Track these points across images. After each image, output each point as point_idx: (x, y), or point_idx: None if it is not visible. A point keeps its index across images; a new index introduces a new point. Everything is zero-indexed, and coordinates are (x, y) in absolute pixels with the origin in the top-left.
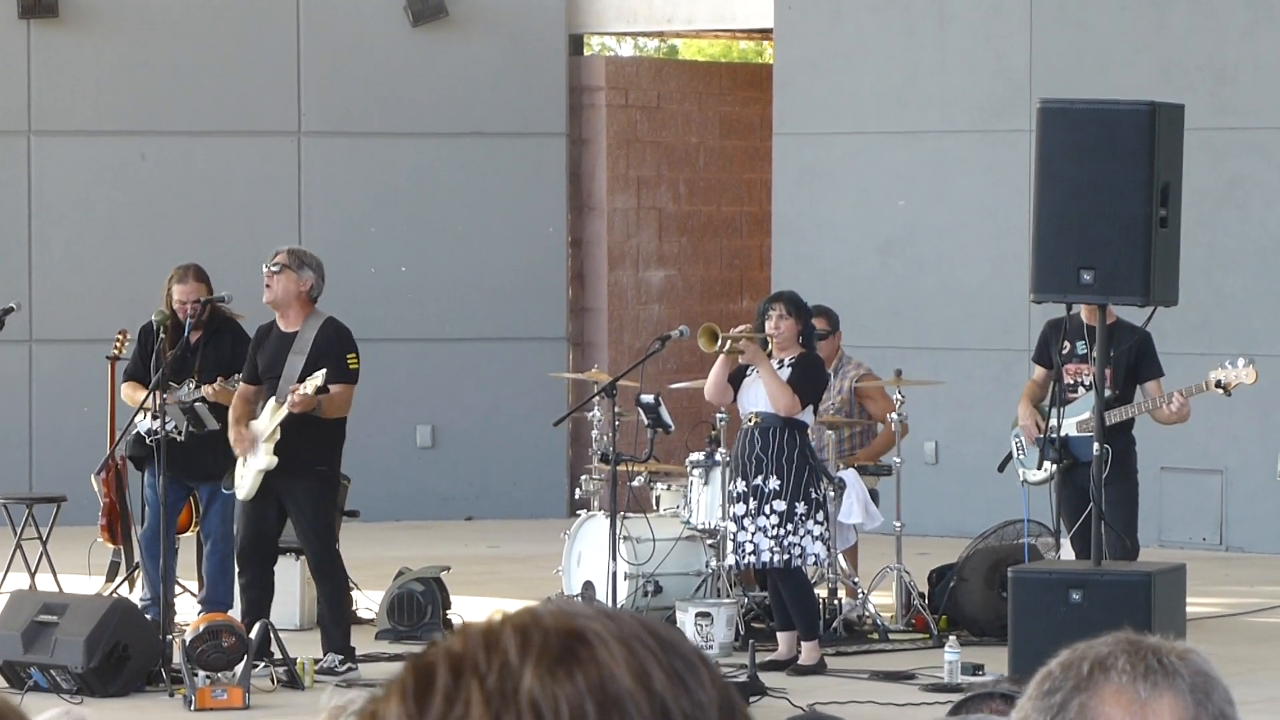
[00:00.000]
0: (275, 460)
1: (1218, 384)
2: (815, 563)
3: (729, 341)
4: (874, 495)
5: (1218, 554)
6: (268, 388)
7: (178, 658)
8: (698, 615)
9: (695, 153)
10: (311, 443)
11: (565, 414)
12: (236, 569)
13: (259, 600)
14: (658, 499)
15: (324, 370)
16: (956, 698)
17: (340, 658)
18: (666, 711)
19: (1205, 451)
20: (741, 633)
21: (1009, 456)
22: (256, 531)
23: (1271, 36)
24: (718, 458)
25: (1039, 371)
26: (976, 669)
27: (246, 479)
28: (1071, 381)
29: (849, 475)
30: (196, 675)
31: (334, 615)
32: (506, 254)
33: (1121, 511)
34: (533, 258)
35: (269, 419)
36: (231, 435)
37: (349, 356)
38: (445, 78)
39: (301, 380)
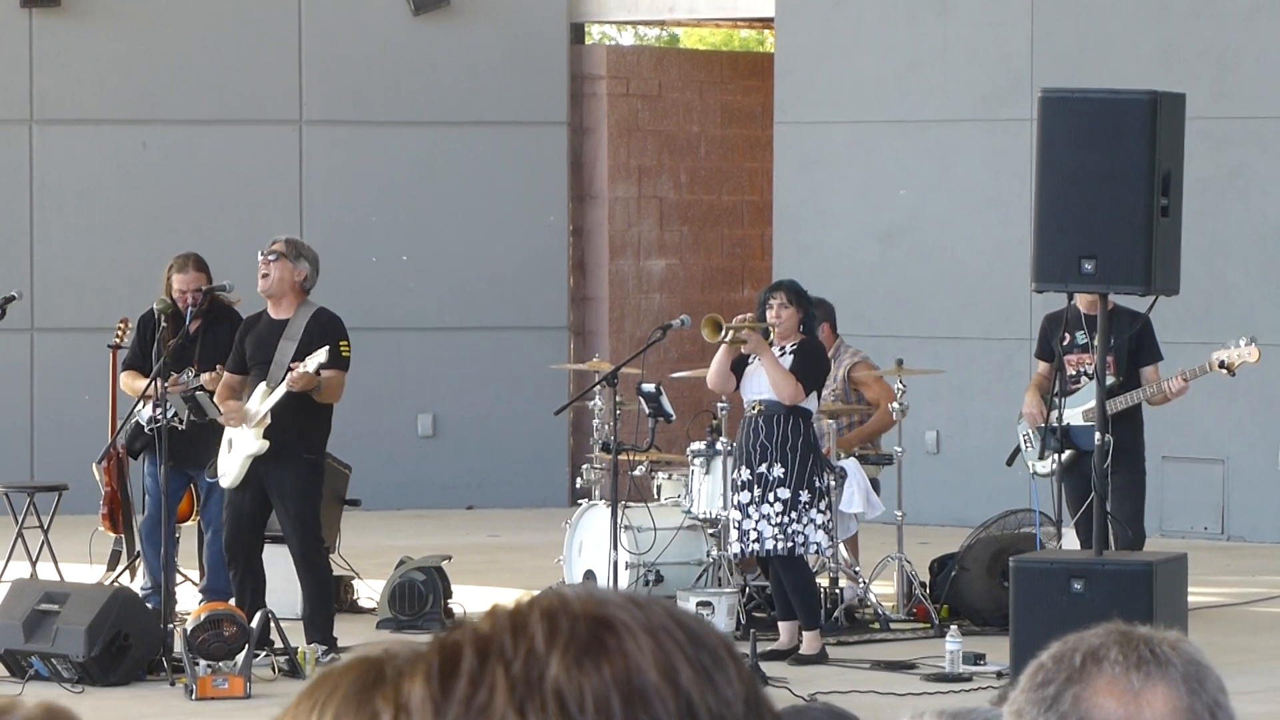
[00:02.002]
0: (266, 444)
1: (1221, 364)
2: (818, 551)
3: (731, 332)
4: (875, 484)
5: (1219, 543)
6: (257, 373)
7: (179, 647)
8: (699, 604)
9: (696, 141)
10: (300, 430)
11: (566, 403)
12: (227, 561)
13: (254, 590)
14: (659, 488)
15: (326, 348)
16: (958, 687)
17: (325, 648)
18: (692, 707)
19: (1207, 440)
20: (743, 622)
21: (1017, 450)
22: (240, 522)
23: (1273, 24)
24: (719, 447)
25: (1043, 366)
26: (978, 658)
27: (233, 465)
28: (1074, 372)
29: (850, 464)
30: (198, 664)
31: (320, 605)
32: (508, 243)
33: (1128, 500)
34: (534, 247)
35: (259, 403)
36: (226, 412)
37: (342, 344)
38: (446, 66)
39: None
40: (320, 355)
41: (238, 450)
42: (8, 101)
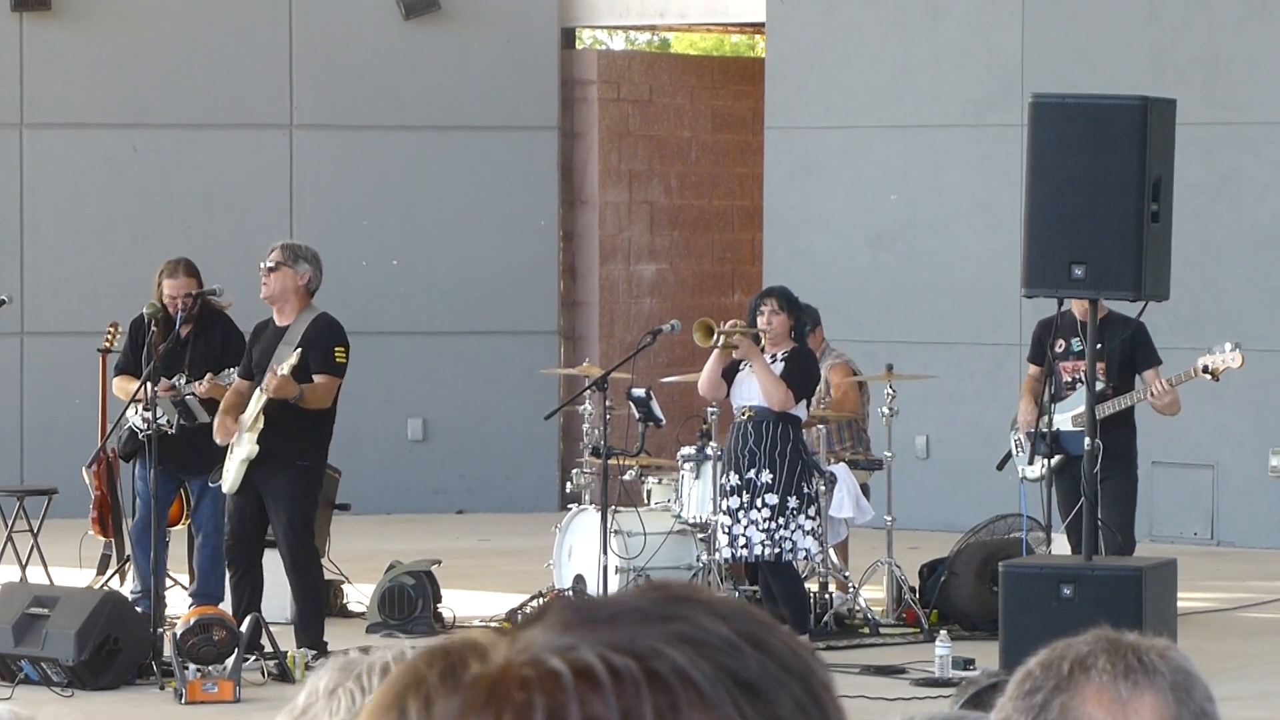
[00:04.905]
0: (257, 449)
1: (1205, 369)
2: (806, 557)
3: (723, 336)
4: (865, 489)
5: (1209, 549)
6: (259, 379)
7: (169, 651)
8: None
9: (687, 146)
10: (294, 435)
11: (556, 408)
12: (226, 564)
13: (250, 595)
14: (649, 493)
15: (298, 351)
16: (947, 692)
17: (314, 653)
18: None
19: (1196, 446)
20: None
21: (1008, 455)
22: (241, 527)
23: (1264, 30)
24: (709, 451)
25: (1034, 369)
26: (967, 663)
27: (230, 471)
28: (1070, 379)
29: (840, 469)
30: (187, 668)
31: (310, 609)
32: (498, 248)
33: (1119, 506)
34: (524, 251)
35: (253, 407)
36: (216, 424)
37: (337, 349)
38: (437, 71)
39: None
40: (291, 359)
41: (234, 455)
42: None
